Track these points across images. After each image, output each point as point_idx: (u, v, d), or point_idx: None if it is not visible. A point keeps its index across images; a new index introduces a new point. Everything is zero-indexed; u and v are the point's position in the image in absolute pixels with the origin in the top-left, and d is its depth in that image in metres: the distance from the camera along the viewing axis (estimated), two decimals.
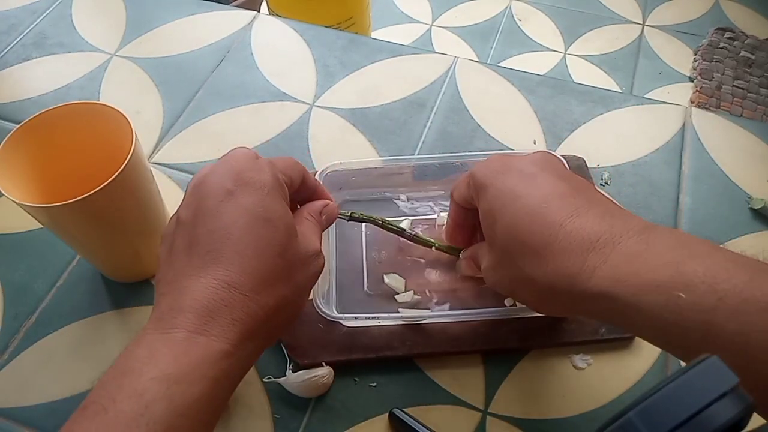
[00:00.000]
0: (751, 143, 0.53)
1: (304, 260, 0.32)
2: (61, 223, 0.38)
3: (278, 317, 0.31)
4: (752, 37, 1.42)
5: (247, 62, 0.60)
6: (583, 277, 0.29)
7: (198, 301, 0.28)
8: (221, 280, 0.29)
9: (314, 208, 0.36)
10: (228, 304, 0.28)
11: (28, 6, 0.66)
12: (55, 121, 0.39)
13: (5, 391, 0.41)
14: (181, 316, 0.28)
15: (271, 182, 0.31)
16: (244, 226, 0.30)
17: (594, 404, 0.40)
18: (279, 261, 0.30)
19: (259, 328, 0.30)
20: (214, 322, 0.28)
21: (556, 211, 0.31)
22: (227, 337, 0.28)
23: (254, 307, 0.29)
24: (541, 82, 0.58)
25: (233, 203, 0.30)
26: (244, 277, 0.29)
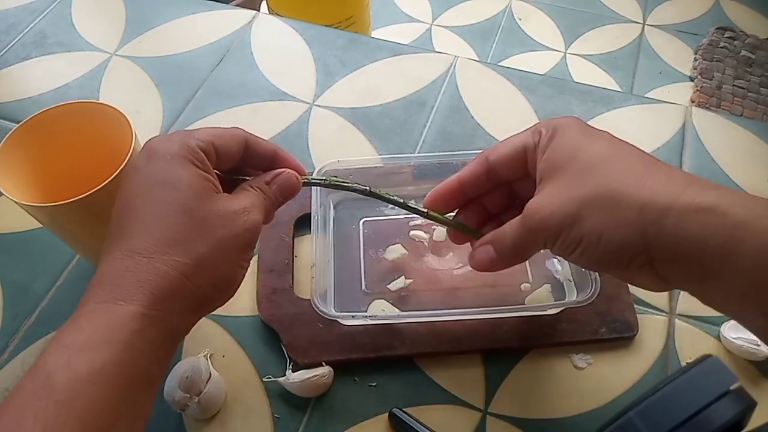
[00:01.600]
0: (752, 143, 0.53)
1: (224, 216, 0.30)
2: (61, 223, 0.38)
3: (201, 276, 0.29)
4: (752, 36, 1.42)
5: (247, 61, 0.60)
6: (690, 192, 0.27)
7: (103, 274, 0.28)
8: (124, 250, 0.28)
9: (259, 179, 0.34)
10: (132, 269, 0.28)
11: (27, 5, 0.66)
12: (55, 120, 0.39)
13: (5, 391, 0.41)
14: (89, 293, 0.28)
15: (176, 149, 0.30)
16: (143, 193, 0.30)
17: (594, 404, 0.40)
18: (184, 219, 0.29)
19: (175, 288, 0.28)
20: (118, 289, 0.27)
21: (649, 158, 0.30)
22: (134, 299, 0.27)
23: (162, 267, 0.28)
24: (542, 82, 0.57)
25: (136, 176, 0.30)
26: (145, 240, 0.28)
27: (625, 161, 0.29)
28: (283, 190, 0.34)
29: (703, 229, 0.26)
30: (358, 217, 0.47)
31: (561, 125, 0.32)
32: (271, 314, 0.42)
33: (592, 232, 0.29)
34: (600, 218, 0.28)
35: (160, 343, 0.28)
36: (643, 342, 0.42)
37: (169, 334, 0.29)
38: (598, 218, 0.28)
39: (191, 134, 0.32)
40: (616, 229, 0.28)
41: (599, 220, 0.28)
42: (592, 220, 0.28)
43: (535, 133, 0.33)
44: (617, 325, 0.41)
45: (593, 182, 0.29)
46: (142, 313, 0.27)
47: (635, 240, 0.28)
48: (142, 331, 0.27)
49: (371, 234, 0.46)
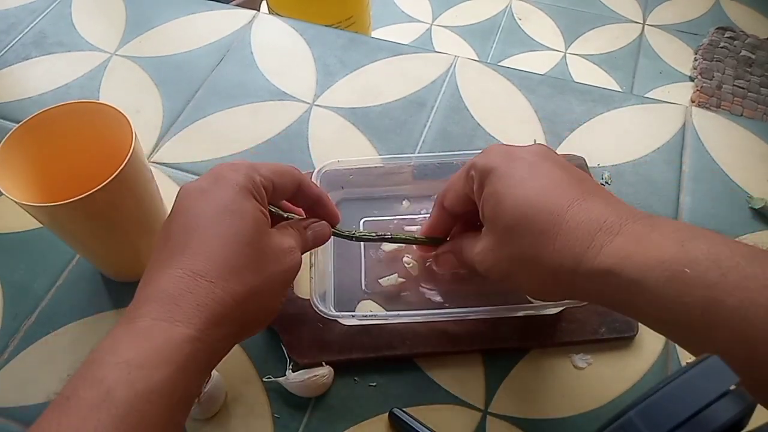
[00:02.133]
0: (752, 143, 0.53)
1: (276, 253, 0.32)
2: (61, 223, 0.38)
3: (248, 306, 0.31)
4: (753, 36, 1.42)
5: (247, 61, 0.60)
6: (590, 255, 0.29)
7: (162, 290, 0.29)
8: (187, 269, 0.29)
9: (299, 223, 0.37)
10: (192, 290, 0.29)
11: (27, 5, 0.66)
12: (55, 120, 0.39)
13: (5, 391, 0.41)
14: (145, 305, 0.28)
15: (243, 181, 0.32)
16: (212, 218, 0.31)
17: (594, 404, 0.40)
18: (246, 250, 0.31)
19: (227, 315, 0.29)
20: (177, 308, 0.28)
21: (563, 194, 0.31)
22: (191, 322, 0.28)
23: (220, 293, 0.29)
24: (542, 82, 0.57)
25: (204, 199, 0.32)
26: (209, 264, 0.29)
27: (539, 219, 0.31)
28: (316, 238, 0.37)
29: (604, 290, 0.30)
30: (358, 217, 0.47)
31: (485, 171, 0.34)
32: None
33: (522, 286, 0.34)
34: (525, 278, 0.33)
35: (204, 367, 0.30)
36: (643, 342, 0.42)
37: (215, 358, 0.30)
38: (524, 277, 0.33)
39: (256, 168, 0.34)
40: (540, 286, 0.33)
41: (525, 279, 0.33)
42: (520, 277, 0.33)
43: (468, 178, 0.36)
44: (617, 324, 0.41)
45: (515, 247, 0.32)
46: (196, 337, 0.28)
47: (558, 294, 0.33)
48: (194, 354, 0.28)
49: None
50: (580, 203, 0.31)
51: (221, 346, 0.30)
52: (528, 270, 0.32)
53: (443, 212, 0.39)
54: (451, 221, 0.40)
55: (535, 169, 0.33)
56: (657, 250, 0.28)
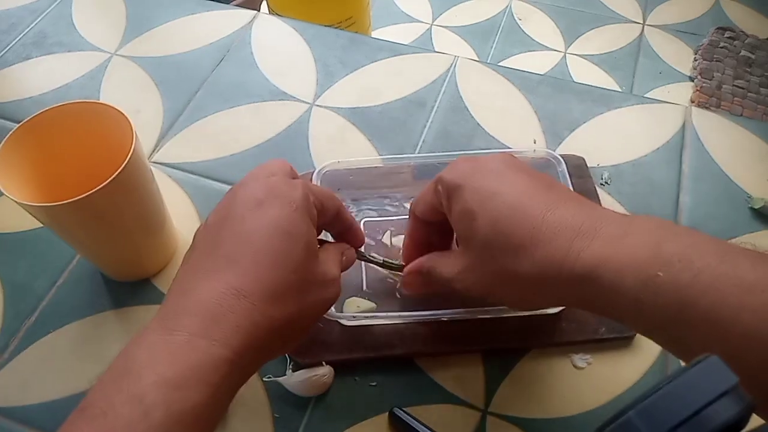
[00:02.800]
0: (752, 143, 0.53)
1: (320, 283, 0.32)
2: (62, 223, 0.38)
3: (283, 333, 0.30)
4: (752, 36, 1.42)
5: (247, 61, 0.60)
6: (569, 261, 0.29)
7: (203, 304, 0.28)
8: (232, 286, 0.28)
9: (339, 247, 0.37)
10: (234, 310, 0.28)
11: (28, 5, 0.66)
12: (56, 120, 0.39)
13: (6, 390, 0.41)
14: (185, 317, 0.28)
15: (300, 200, 0.31)
16: (265, 236, 0.30)
17: (594, 403, 0.40)
18: (293, 277, 0.30)
19: (262, 340, 0.29)
20: (217, 327, 0.27)
21: (536, 204, 0.31)
22: (230, 343, 0.27)
23: (260, 317, 0.28)
24: (541, 82, 0.58)
25: (260, 212, 0.30)
26: (255, 285, 0.29)
27: (514, 234, 0.31)
28: (345, 264, 0.37)
29: (585, 294, 0.30)
30: (358, 217, 0.47)
31: (452, 188, 0.34)
32: None
33: (505, 300, 0.35)
34: (508, 292, 0.33)
35: (235, 388, 0.29)
36: (643, 342, 0.42)
37: (245, 380, 0.30)
38: (507, 291, 0.33)
39: (309, 188, 0.33)
40: (523, 298, 0.33)
41: (508, 293, 0.33)
42: (502, 292, 0.33)
43: (436, 192, 0.36)
44: (617, 324, 0.41)
45: (494, 264, 0.32)
46: (231, 360, 0.27)
47: (541, 303, 0.35)
48: (228, 376, 0.28)
49: (372, 234, 0.46)
50: (553, 211, 0.31)
51: (252, 368, 0.30)
52: (510, 285, 0.32)
53: (417, 221, 0.39)
54: (426, 230, 0.39)
55: (503, 180, 0.33)
56: (632, 254, 0.28)
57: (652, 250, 0.28)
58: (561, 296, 0.32)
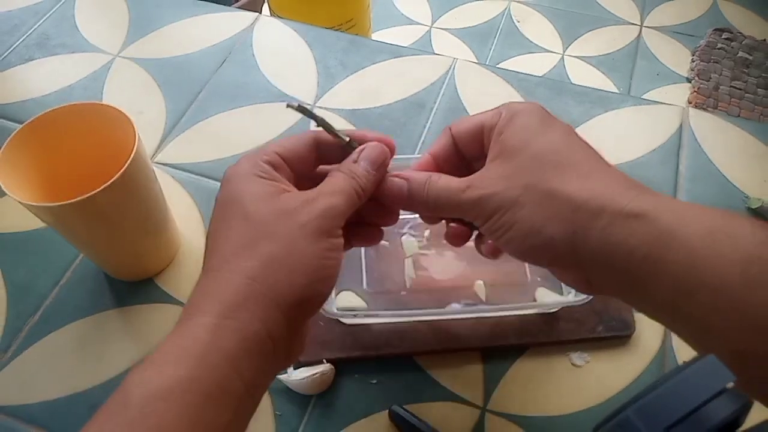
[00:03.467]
0: (749, 143, 0.54)
1: (284, 212, 0.29)
2: (65, 222, 0.39)
3: (270, 276, 0.28)
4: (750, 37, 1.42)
5: (249, 63, 0.60)
6: (623, 199, 0.27)
7: (188, 300, 0.28)
8: (202, 272, 0.29)
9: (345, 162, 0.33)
10: (202, 285, 0.28)
11: (31, 7, 0.66)
12: (58, 121, 0.40)
13: (8, 389, 0.41)
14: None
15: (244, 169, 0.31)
16: (216, 219, 0.30)
17: (592, 401, 0.40)
18: (244, 225, 0.29)
19: (244, 292, 0.27)
20: (191, 305, 0.27)
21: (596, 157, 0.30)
22: (203, 311, 0.27)
23: (226, 275, 0.28)
24: (540, 83, 0.58)
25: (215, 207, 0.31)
26: (213, 257, 0.29)
27: (573, 158, 0.29)
28: (372, 161, 0.32)
29: (629, 237, 0.26)
30: None
31: (522, 110, 0.32)
32: None
33: (523, 221, 0.29)
34: (534, 210, 0.29)
35: (238, 355, 0.26)
36: (641, 340, 0.42)
37: (251, 345, 0.26)
38: (533, 209, 0.29)
39: (260, 151, 0.32)
40: (546, 223, 0.28)
41: (533, 211, 0.29)
42: (526, 209, 0.29)
43: (495, 114, 0.32)
44: (615, 323, 0.42)
45: (538, 174, 0.29)
46: (213, 323, 0.26)
47: (563, 239, 0.28)
48: (215, 342, 0.25)
49: None
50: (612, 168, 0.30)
51: (260, 326, 0.27)
52: (542, 204, 0.28)
53: (447, 140, 0.35)
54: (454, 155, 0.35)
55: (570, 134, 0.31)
56: (698, 209, 0.26)
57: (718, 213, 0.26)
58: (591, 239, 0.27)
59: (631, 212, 0.26)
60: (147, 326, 0.44)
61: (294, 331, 0.29)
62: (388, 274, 0.44)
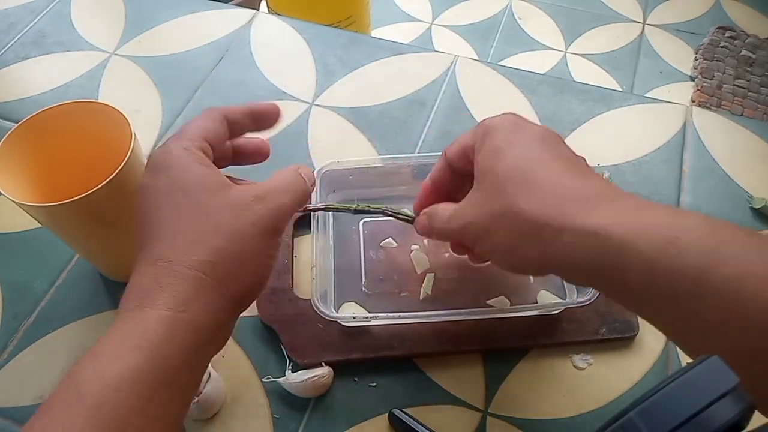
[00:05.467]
0: (752, 142, 0.53)
1: (237, 206, 0.30)
2: (60, 223, 0.38)
3: (222, 272, 0.29)
4: (753, 36, 1.41)
5: (247, 61, 0.60)
6: (582, 214, 0.28)
7: (131, 285, 0.28)
8: (147, 260, 0.29)
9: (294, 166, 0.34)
10: (154, 275, 0.28)
11: (27, 4, 0.65)
12: (54, 120, 0.39)
13: (4, 391, 0.41)
14: (120, 306, 0.28)
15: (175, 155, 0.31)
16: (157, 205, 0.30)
17: (594, 404, 0.40)
18: (197, 216, 0.29)
19: (197, 287, 0.28)
20: (145, 296, 0.27)
21: (562, 165, 0.31)
22: (157, 303, 0.27)
23: (179, 268, 0.28)
24: (542, 81, 0.57)
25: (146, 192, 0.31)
26: (164, 246, 0.29)
27: (534, 175, 0.30)
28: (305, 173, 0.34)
29: (590, 253, 0.28)
30: (358, 217, 0.47)
31: (492, 128, 0.33)
32: (270, 314, 0.42)
33: (499, 245, 0.31)
34: (506, 234, 0.31)
35: (189, 346, 0.27)
36: (644, 342, 0.42)
37: (201, 336, 0.28)
38: (505, 234, 0.31)
39: (182, 136, 0.32)
40: (519, 244, 0.30)
41: (505, 236, 0.31)
42: (498, 235, 0.31)
43: (474, 133, 0.35)
44: (618, 325, 0.41)
45: (503, 198, 0.31)
46: (167, 316, 0.27)
47: (535, 256, 0.30)
48: (168, 334, 0.26)
49: (371, 234, 0.46)
50: (577, 174, 0.30)
51: (210, 320, 0.28)
52: (509, 226, 0.30)
53: (444, 164, 0.37)
54: (448, 176, 0.38)
55: (540, 141, 0.32)
56: (651, 217, 0.27)
57: (672, 217, 0.27)
58: (560, 253, 0.29)
59: (585, 230, 0.28)
60: None
61: (233, 320, 0.31)
62: (388, 275, 0.44)
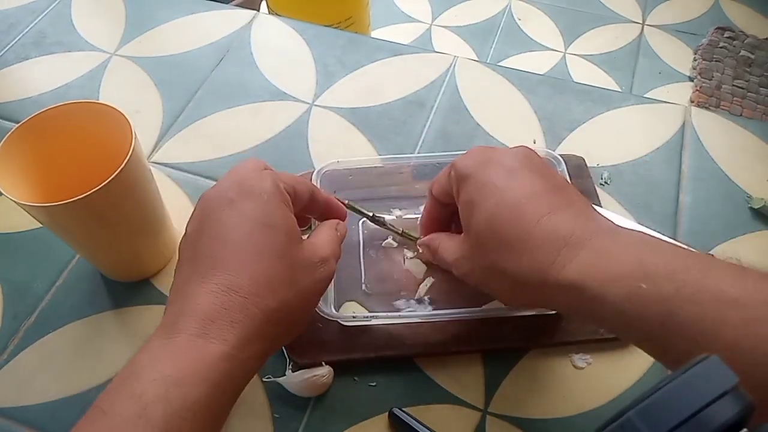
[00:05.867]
0: (751, 142, 0.53)
1: (309, 265, 0.32)
2: (61, 223, 0.38)
3: (282, 321, 0.31)
4: (752, 36, 1.42)
5: (247, 61, 0.60)
6: (555, 271, 0.30)
7: (199, 306, 0.29)
8: (221, 284, 0.29)
9: (333, 221, 0.38)
10: (227, 306, 0.28)
11: (27, 5, 0.66)
12: (55, 120, 0.39)
13: (5, 391, 0.41)
14: (182, 320, 0.28)
15: (270, 189, 0.32)
16: (244, 232, 0.30)
17: (594, 404, 0.40)
18: (279, 264, 0.30)
19: (260, 331, 0.29)
20: (213, 325, 0.28)
21: (534, 208, 0.32)
22: (226, 339, 0.28)
23: (253, 309, 0.29)
24: (541, 82, 0.57)
25: (234, 210, 0.31)
26: (242, 279, 0.29)
27: (506, 234, 0.32)
28: (341, 237, 0.37)
29: (570, 301, 0.31)
30: (358, 217, 0.47)
31: (462, 177, 0.35)
32: None
33: (496, 292, 0.35)
34: (499, 285, 0.34)
35: (239, 383, 0.30)
36: None
37: (249, 375, 0.30)
38: (498, 285, 0.34)
39: (278, 175, 0.33)
40: (511, 294, 0.34)
41: (498, 286, 0.34)
42: (493, 285, 0.35)
43: (449, 178, 0.36)
44: None
45: (486, 258, 0.33)
46: (231, 355, 0.28)
47: (528, 301, 0.35)
48: (229, 371, 0.28)
49: (371, 234, 0.46)
50: (549, 217, 0.31)
51: (254, 362, 0.30)
52: (499, 280, 0.33)
53: (434, 200, 0.40)
54: (442, 209, 0.40)
55: (511, 178, 0.33)
56: (617, 265, 0.29)
57: (635, 264, 0.28)
58: (548, 299, 0.33)
59: (562, 286, 0.30)
60: (144, 327, 0.43)
61: None
62: (388, 274, 0.44)
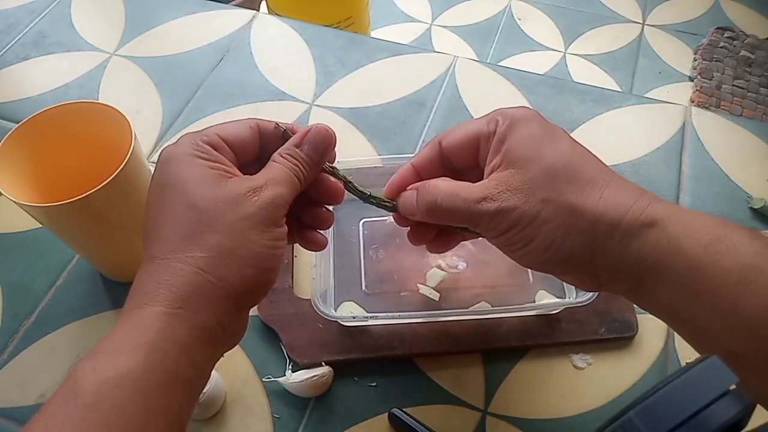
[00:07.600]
0: (751, 143, 0.53)
1: (230, 200, 0.29)
2: (60, 223, 0.38)
3: (221, 268, 0.28)
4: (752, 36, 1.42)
5: (247, 61, 0.60)
6: (637, 208, 0.29)
7: (133, 286, 0.28)
8: (145, 259, 0.29)
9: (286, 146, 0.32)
10: (152, 272, 0.28)
11: (27, 5, 0.66)
12: (54, 120, 0.39)
13: (5, 391, 0.41)
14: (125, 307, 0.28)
15: (182, 150, 0.30)
16: (155, 202, 0.30)
17: (594, 404, 0.40)
18: (189, 213, 0.29)
19: (194, 283, 0.27)
20: (143, 295, 0.27)
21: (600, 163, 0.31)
22: (155, 300, 0.27)
23: (177, 264, 0.28)
24: (541, 82, 0.57)
25: (151, 188, 0.30)
26: (158, 243, 0.28)
27: (586, 172, 0.30)
28: (316, 145, 0.32)
29: (643, 245, 0.28)
30: (358, 217, 0.47)
31: (521, 118, 0.32)
32: (270, 314, 0.42)
33: (544, 236, 0.29)
34: (555, 225, 0.29)
35: (190, 343, 0.27)
36: (643, 342, 0.42)
37: (202, 333, 0.27)
38: (554, 225, 0.29)
39: (198, 132, 0.32)
40: (567, 238, 0.29)
41: (554, 226, 0.29)
42: (547, 225, 0.29)
43: (491, 121, 0.32)
44: (617, 324, 0.41)
45: (555, 188, 0.29)
46: (165, 312, 0.26)
47: (582, 252, 0.29)
48: (166, 331, 0.26)
49: (371, 234, 0.46)
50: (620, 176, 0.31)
51: (211, 317, 0.28)
52: (563, 218, 0.29)
53: (433, 153, 0.35)
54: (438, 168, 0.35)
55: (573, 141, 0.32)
56: (701, 218, 0.28)
57: (720, 220, 0.28)
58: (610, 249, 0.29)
59: (644, 221, 0.28)
60: None
61: (241, 317, 0.30)
62: (388, 275, 0.44)
